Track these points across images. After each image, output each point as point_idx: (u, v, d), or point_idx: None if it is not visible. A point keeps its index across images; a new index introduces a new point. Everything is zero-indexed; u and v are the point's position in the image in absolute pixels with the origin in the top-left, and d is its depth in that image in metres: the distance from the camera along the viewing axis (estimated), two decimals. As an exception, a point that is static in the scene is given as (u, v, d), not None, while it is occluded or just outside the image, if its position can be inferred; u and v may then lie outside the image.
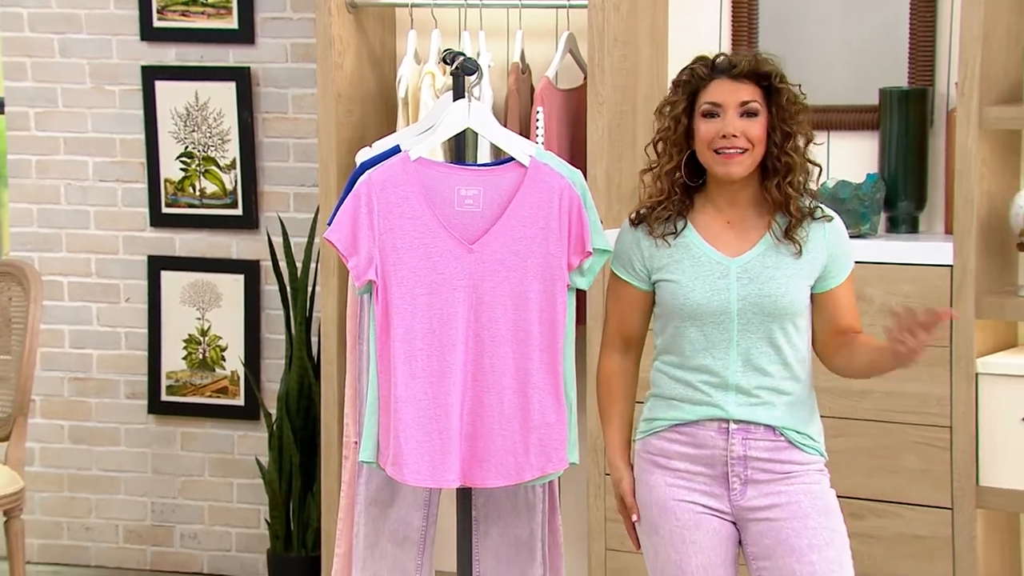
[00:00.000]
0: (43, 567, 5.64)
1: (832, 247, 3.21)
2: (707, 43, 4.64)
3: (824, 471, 3.25)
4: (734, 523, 3.24)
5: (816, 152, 3.28)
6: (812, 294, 3.22)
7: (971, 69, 4.15)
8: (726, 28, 4.70)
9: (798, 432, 3.21)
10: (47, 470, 5.71)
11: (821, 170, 3.26)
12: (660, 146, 3.24)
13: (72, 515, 5.70)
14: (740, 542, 3.25)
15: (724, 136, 3.13)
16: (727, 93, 3.16)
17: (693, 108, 3.20)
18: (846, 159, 4.59)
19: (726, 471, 3.20)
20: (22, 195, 5.70)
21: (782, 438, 3.19)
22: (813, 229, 3.20)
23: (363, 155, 3.69)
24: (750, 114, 3.15)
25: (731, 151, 3.14)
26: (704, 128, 3.16)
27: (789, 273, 3.18)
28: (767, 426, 3.19)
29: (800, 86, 3.21)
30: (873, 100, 4.51)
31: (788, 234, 3.18)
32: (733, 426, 3.19)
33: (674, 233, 3.22)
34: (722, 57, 3.21)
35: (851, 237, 3.35)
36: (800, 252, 3.18)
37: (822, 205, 3.23)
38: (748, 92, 3.16)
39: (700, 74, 3.19)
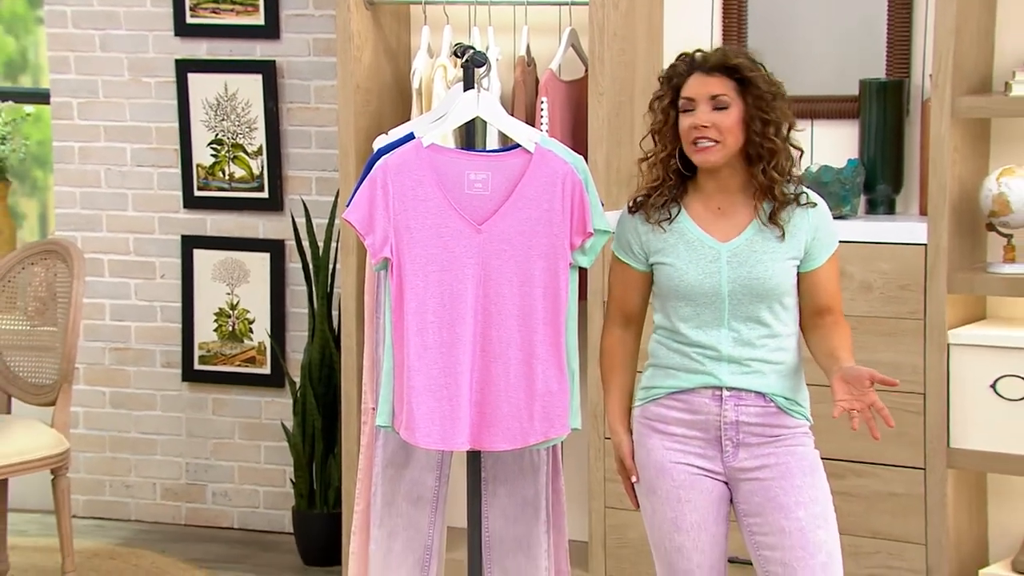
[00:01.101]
0: (87, 521, 5.65)
1: (815, 231, 3.17)
2: (700, 38, 4.62)
3: (809, 434, 3.23)
4: (726, 483, 3.22)
5: (799, 138, 3.24)
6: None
7: (944, 62, 4.12)
8: (717, 24, 4.68)
9: (786, 399, 3.18)
10: (90, 432, 5.71)
11: (802, 153, 3.21)
12: (656, 137, 3.21)
13: (113, 474, 5.70)
14: (732, 501, 3.23)
15: (695, 128, 3.11)
16: (698, 87, 3.13)
17: (678, 102, 3.17)
18: (828, 145, 4.56)
19: (719, 435, 3.18)
20: (66, 179, 5.69)
21: (772, 404, 3.17)
22: (797, 214, 3.17)
23: (379, 142, 3.66)
24: (721, 107, 3.12)
25: (704, 142, 3.11)
26: (682, 121, 3.15)
27: (775, 256, 3.15)
28: (758, 393, 3.17)
29: (772, 74, 3.17)
30: (853, 91, 4.49)
31: (772, 218, 3.14)
32: (726, 393, 3.17)
33: (668, 219, 3.20)
34: (698, 53, 3.18)
35: (833, 218, 3.31)
36: (783, 236, 3.15)
37: (808, 191, 3.20)
38: (718, 86, 3.13)
39: (680, 70, 3.18)
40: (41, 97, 5.89)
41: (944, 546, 4.17)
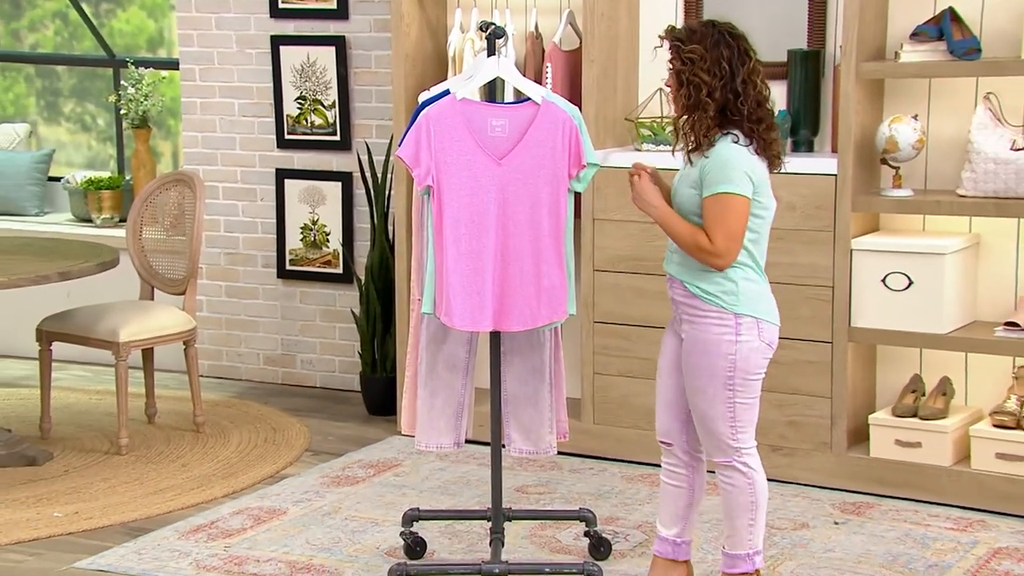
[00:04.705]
0: (210, 379, 5.60)
1: (702, 172, 3.04)
2: (667, 18, 4.49)
3: (722, 319, 3.04)
4: None
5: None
6: None
7: (850, 36, 4.01)
8: (680, 5, 4.54)
9: (695, 285, 3.08)
10: (211, 315, 5.65)
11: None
12: None
13: (228, 346, 5.65)
14: None
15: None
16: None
17: None
18: (763, 100, 4.42)
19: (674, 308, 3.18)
20: (191, 126, 5.59)
21: (686, 289, 3.10)
22: (703, 157, 3.05)
23: (423, 96, 3.57)
24: (672, 71, 3.07)
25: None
26: None
27: (684, 183, 3.10)
28: (679, 280, 3.12)
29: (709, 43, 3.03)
30: (782, 58, 4.35)
31: (686, 156, 3.10)
32: (670, 278, 3.16)
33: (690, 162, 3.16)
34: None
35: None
36: (692, 168, 3.08)
37: (719, 147, 3.02)
38: (669, 54, 3.07)
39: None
40: (173, 65, 5.81)
41: (844, 399, 4.12)
